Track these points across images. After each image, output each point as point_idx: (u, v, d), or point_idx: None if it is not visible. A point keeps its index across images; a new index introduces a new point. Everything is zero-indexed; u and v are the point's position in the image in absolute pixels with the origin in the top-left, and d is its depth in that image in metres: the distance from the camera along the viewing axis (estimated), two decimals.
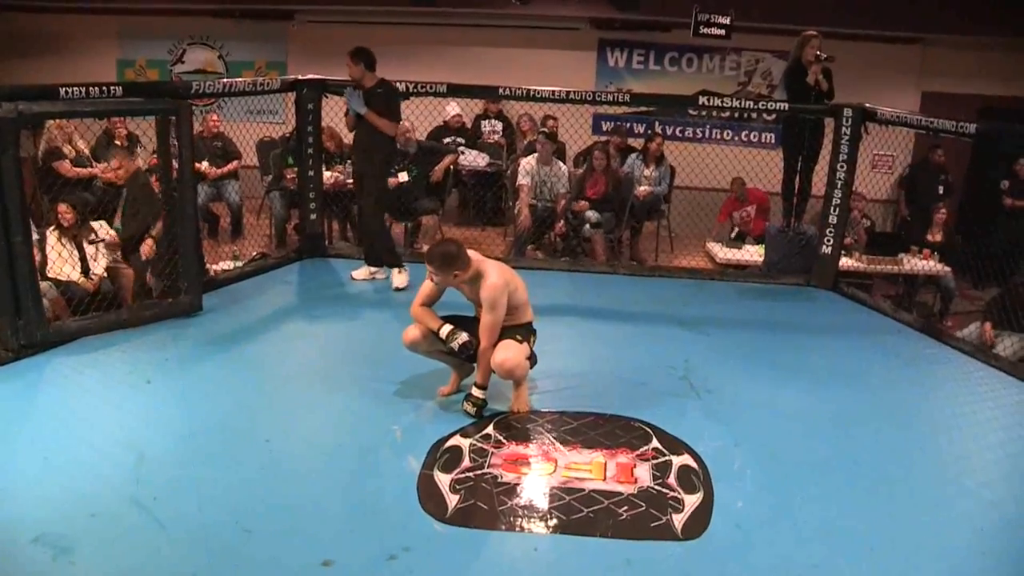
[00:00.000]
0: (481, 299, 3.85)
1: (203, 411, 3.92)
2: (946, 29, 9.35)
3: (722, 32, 8.62)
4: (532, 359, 4.04)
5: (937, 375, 5.00)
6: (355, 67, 5.79)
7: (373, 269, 6.15)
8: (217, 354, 4.65)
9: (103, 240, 5.93)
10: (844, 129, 6.30)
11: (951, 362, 5.18)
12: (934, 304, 7.97)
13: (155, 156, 5.58)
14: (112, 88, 4.81)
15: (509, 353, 3.84)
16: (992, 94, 9.88)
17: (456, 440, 3.69)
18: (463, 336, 3.86)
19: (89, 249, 5.78)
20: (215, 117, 8.38)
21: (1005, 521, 3.32)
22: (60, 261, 5.49)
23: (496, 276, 3.85)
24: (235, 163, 8.31)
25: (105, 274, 5.78)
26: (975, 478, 3.65)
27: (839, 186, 6.41)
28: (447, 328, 3.88)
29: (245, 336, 4.94)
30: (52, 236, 5.60)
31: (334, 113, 6.72)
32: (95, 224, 5.99)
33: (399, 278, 5.97)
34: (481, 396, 3.91)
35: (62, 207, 5.61)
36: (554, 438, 3.76)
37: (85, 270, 5.68)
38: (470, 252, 3.92)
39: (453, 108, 9.11)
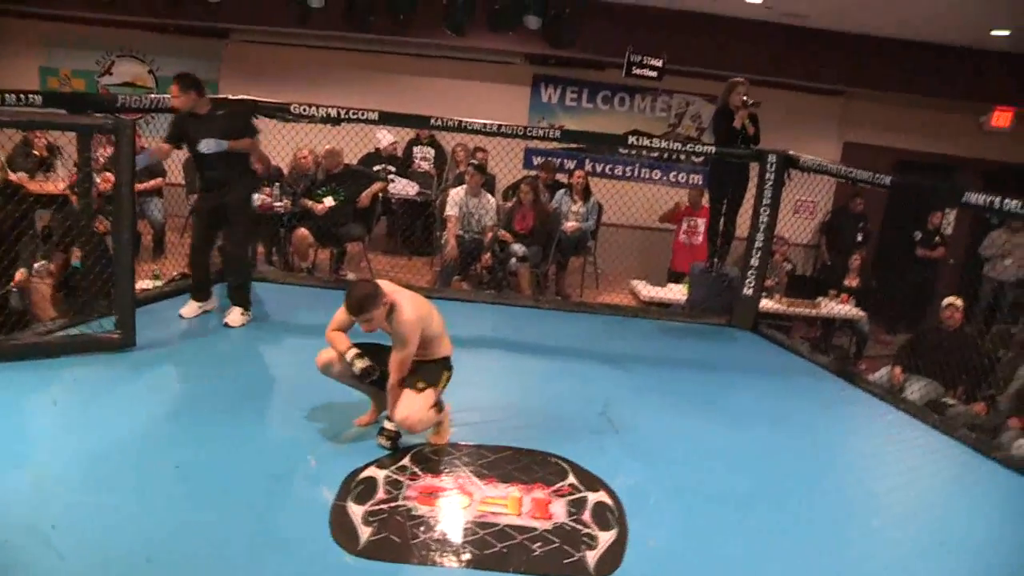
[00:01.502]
0: (392, 333, 3.78)
1: (111, 434, 3.78)
2: (867, 84, 9.72)
3: (654, 74, 8.83)
4: (438, 406, 3.92)
5: (849, 416, 5.13)
6: (186, 96, 5.23)
7: (201, 304, 5.65)
8: (129, 376, 4.51)
9: None
10: (768, 174, 6.46)
11: (863, 404, 5.33)
12: (849, 347, 8.21)
13: (75, 171, 5.40)
14: (31, 97, 4.67)
15: (411, 409, 3.75)
16: (910, 148, 10.31)
17: (371, 471, 3.63)
18: (364, 362, 3.80)
19: None
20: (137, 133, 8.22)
21: (906, 556, 3.41)
22: None
23: (410, 310, 3.76)
24: (159, 180, 8.15)
25: (14, 288, 5.58)
26: (880, 517, 3.74)
27: (762, 229, 6.56)
28: (352, 352, 3.82)
29: (160, 358, 4.80)
30: None
31: (263, 135, 6.64)
32: None
33: (241, 318, 5.54)
34: (393, 429, 3.85)
35: None
36: (471, 471, 3.73)
37: None
38: (384, 283, 3.86)
39: (388, 137, 9.09)
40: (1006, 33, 8.39)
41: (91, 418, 3.96)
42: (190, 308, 5.59)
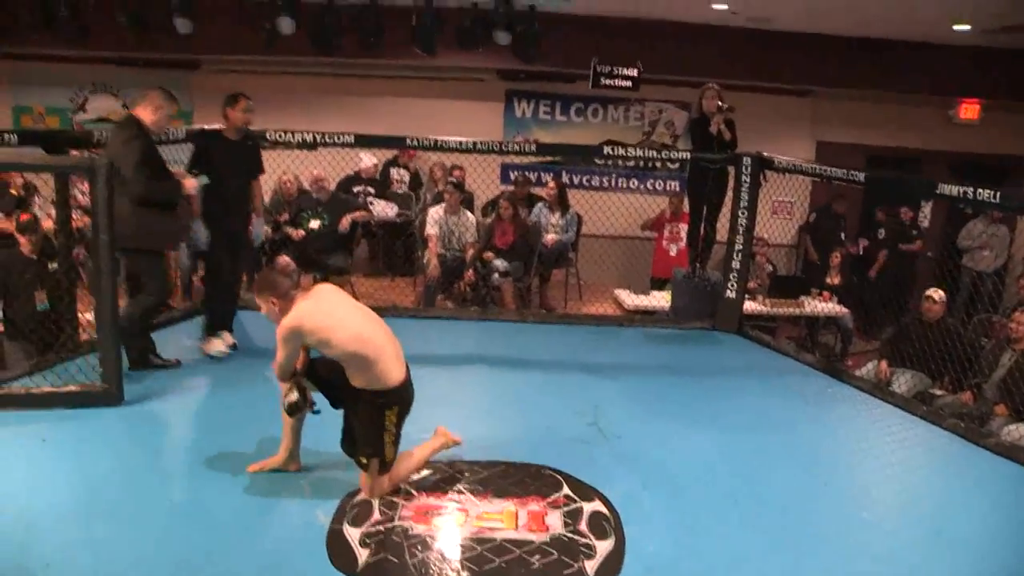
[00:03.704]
0: None
1: (103, 468, 3.77)
2: (835, 83, 9.83)
3: (628, 84, 8.93)
4: (386, 467, 3.61)
5: (838, 413, 5.16)
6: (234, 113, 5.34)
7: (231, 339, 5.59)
8: (119, 409, 4.48)
9: None
10: (744, 177, 6.51)
11: (851, 400, 5.36)
12: (835, 344, 8.27)
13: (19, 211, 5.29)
14: (6, 136, 4.65)
15: (367, 489, 3.60)
16: (880, 144, 10.43)
17: (364, 494, 3.63)
18: (293, 395, 3.58)
19: None
20: None
21: (901, 548, 3.43)
22: None
23: (291, 316, 3.49)
24: None
25: None
26: (873, 511, 3.77)
27: (741, 232, 6.61)
28: (293, 381, 3.62)
29: (148, 391, 4.77)
30: None
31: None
32: None
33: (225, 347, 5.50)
34: (295, 397, 3.60)
35: None
36: (465, 488, 3.73)
37: None
38: (316, 289, 3.69)
39: (368, 159, 9.11)
40: (967, 28, 8.51)
41: (80, 453, 3.94)
42: (225, 341, 5.52)
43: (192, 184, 5.06)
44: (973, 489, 4.12)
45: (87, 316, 5.82)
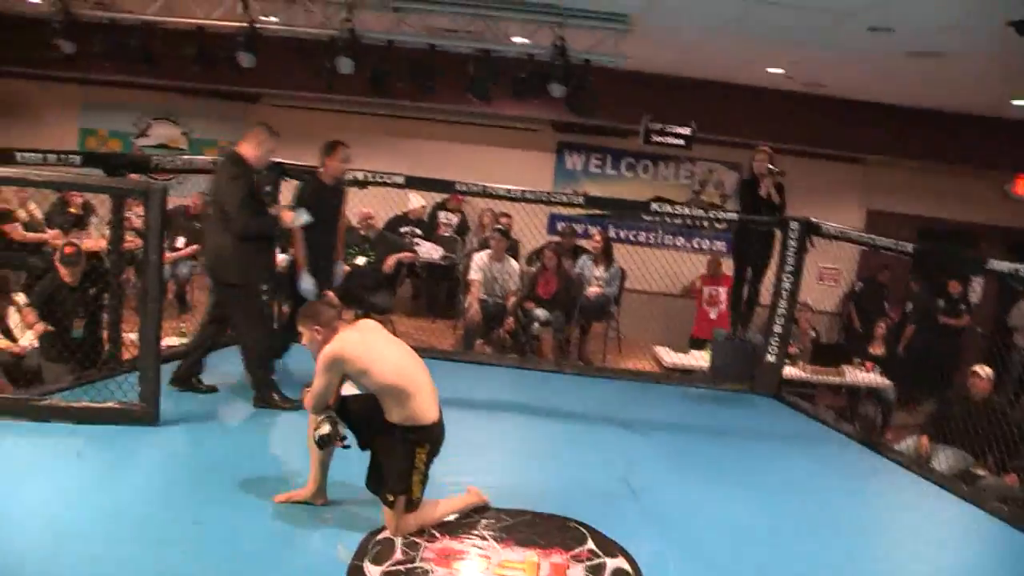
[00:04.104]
0: None
1: (132, 487, 3.82)
2: (888, 151, 9.78)
3: (681, 142, 8.97)
4: (413, 504, 3.60)
5: (875, 486, 5.04)
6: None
7: None
8: (155, 429, 4.53)
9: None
10: (790, 241, 6.46)
11: (889, 473, 5.23)
12: (875, 416, 8.10)
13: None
14: (70, 156, 4.79)
15: (392, 528, 3.58)
16: (933, 215, 10.30)
17: (389, 532, 3.61)
18: (325, 428, 3.57)
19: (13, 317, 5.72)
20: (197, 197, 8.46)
21: None
22: None
23: (333, 346, 3.54)
24: (196, 247, 8.32)
25: (35, 344, 5.69)
26: None
27: (784, 296, 6.54)
28: (330, 414, 3.63)
29: (184, 413, 4.81)
30: None
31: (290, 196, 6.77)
32: (19, 297, 5.94)
33: None
34: (327, 429, 3.58)
35: None
36: (489, 534, 3.70)
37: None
38: (359, 323, 3.79)
39: (417, 200, 9.22)
40: None
41: (112, 470, 3.99)
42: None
43: (290, 217, 5.06)
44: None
45: (131, 335, 5.98)
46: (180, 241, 8.25)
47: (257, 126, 5.07)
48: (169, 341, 6.47)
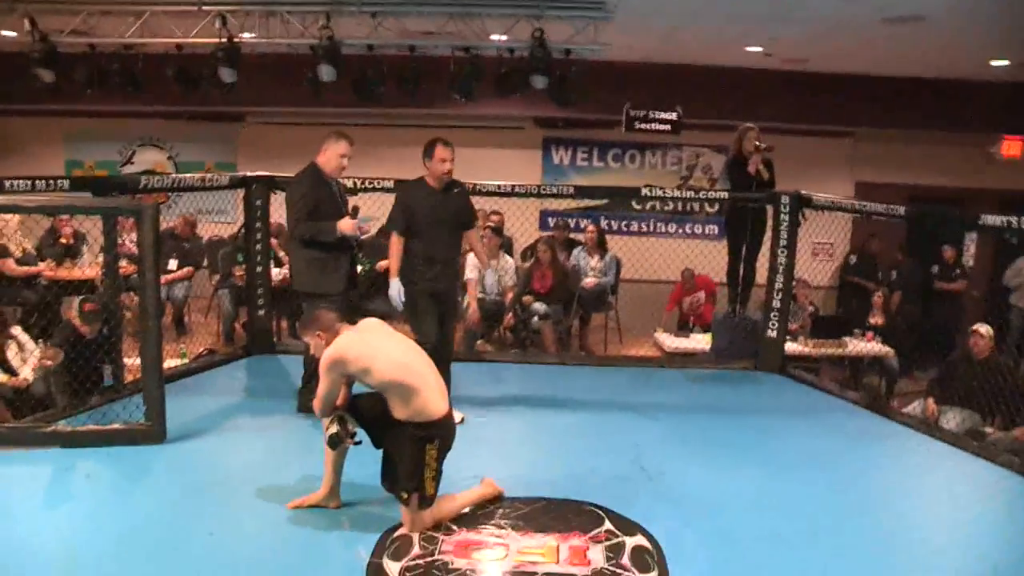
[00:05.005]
0: None
1: (145, 505, 3.82)
2: (873, 123, 9.81)
3: (667, 128, 9.00)
4: (426, 502, 3.60)
5: (885, 450, 5.05)
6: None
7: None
8: (161, 448, 4.53)
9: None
10: (783, 216, 6.47)
11: (898, 437, 5.25)
12: (880, 385, 8.12)
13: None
14: (58, 181, 4.79)
15: (407, 525, 3.60)
16: (922, 183, 10.33)
17: (406, 528, 3.61)
18: (333, 428, 3.61)
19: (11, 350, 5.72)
20: (189, 220, 8.45)
21: None
22: None
23: (334, 347, 3.55)
24: (189, 269, 8.31)
25: (35, 375, 5.69)
26: (927, 547, 3.68)
27: (781, 271, 6.55)
28: (338, 413, 3.67)
29: (190, 430, 4.81)
30: None
31: (282, 210, 6.75)
32: (15, 331, 5.93)
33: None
34: (335, 429, 3.64)
35: None
36: (506, 523, 3.71)
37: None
38: (361, 323, 3.76)
39: None
40: (1005, 63, 8.46)
41: (122, 489, 3.99)
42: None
43: (349, 224, 4.89)
44: None
45: (132, 361, 5.95)
46: (172, 264, 8.22)
47: (331, 135, 5.09)
48: (170, 363, 6.48)
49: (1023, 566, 3.54)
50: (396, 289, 4.93)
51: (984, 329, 6.11)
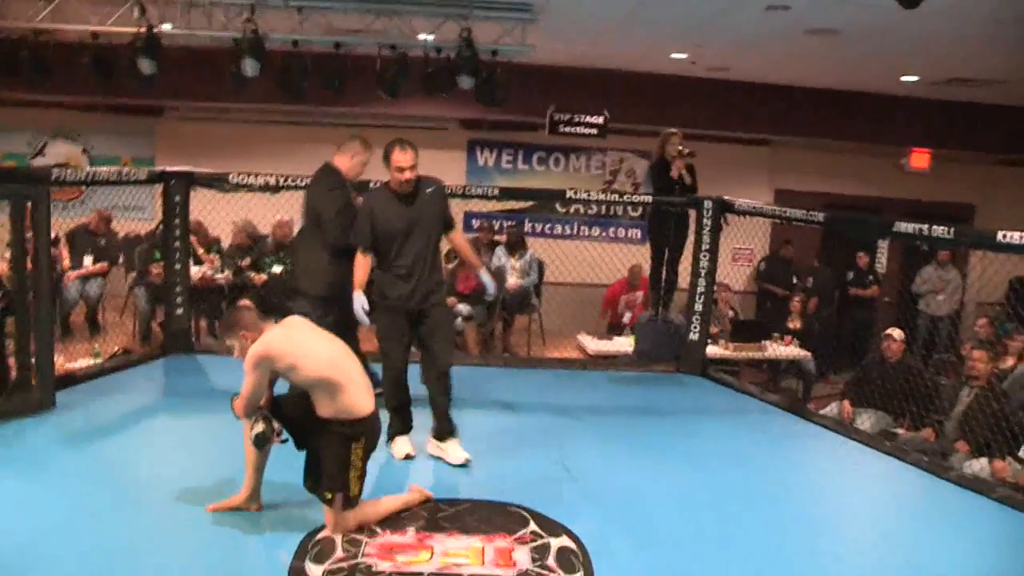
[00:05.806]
0: None
1: (54, 512, 3.64)
2: (790, 132, 10.08)
3: (593, 131, 9.07)
4: (351, 502, 3.54)
5: (804, 450, 5.19)
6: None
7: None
8: (71, 452, 4.36)
9: None
10: (705, 220, 6.58)
11: (816, 437, 5.39)
12: (797, 388, 8.33)
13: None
14: None
15: (331, 527, 3.51)
16: (837, 192, 10.65)
17: (329, 531, 3.55)
18: (259, 426, 3.54)
19: None
20: (104, 215, 8.16)
21: None
22: None
23: (261, 341, 3.46)
24: (103, 265, 8.04)
25: None
26: (846, 545, 3.78)
27: (703, 275, 6.65)
28: (259, 413, 3.59)
29: (102, 433, 4.66)
30: None
31: (201, 207, 6.60)
32: None
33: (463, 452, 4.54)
34: (261, 427, 3.55)
35: None
36: (430, 525, 3.67)
37: None
38: (286, 320, 3.66)
39: None
40: (915, 79, 8.79)
41: (29, 496, 3.81)
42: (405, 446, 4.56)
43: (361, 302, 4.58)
44: (939, 520, 4.16)
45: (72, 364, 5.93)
46: (87, 260, 7.94)
47: (351, 139, 5.02)
48: (83, 363, 6.27)
49: (935, 559, 3.65)
50: (359, 303, 4.52)
51: (896, 333, 6.32)
